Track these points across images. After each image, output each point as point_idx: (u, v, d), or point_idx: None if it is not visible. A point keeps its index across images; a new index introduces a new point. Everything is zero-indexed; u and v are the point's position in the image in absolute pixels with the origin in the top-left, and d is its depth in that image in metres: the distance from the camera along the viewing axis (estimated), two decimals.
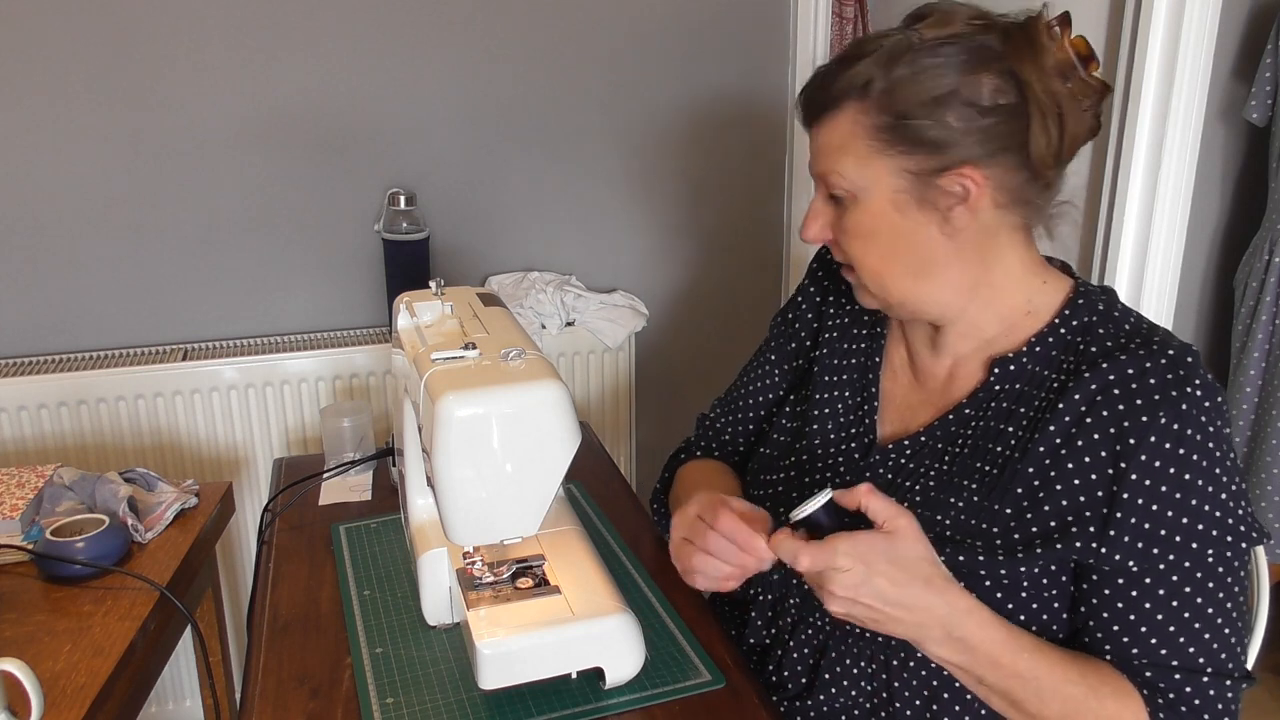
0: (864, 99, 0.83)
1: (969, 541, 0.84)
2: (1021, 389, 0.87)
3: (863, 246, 0.87)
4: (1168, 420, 0.77)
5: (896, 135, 0.82)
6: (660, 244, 2.18)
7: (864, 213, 0.86)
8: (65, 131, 1.77)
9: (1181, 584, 0.78)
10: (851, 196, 0.86)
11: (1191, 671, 0.78)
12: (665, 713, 0.85)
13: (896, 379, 0.98)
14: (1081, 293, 0.90)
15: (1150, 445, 0.77)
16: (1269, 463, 1.96)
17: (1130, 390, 0.79)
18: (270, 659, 0.93)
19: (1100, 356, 0.82)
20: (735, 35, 2.09)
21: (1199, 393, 0.78)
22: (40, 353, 1.85)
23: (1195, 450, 0.77)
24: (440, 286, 1.00)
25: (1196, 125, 1.97)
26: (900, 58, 0.81)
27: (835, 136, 0.85)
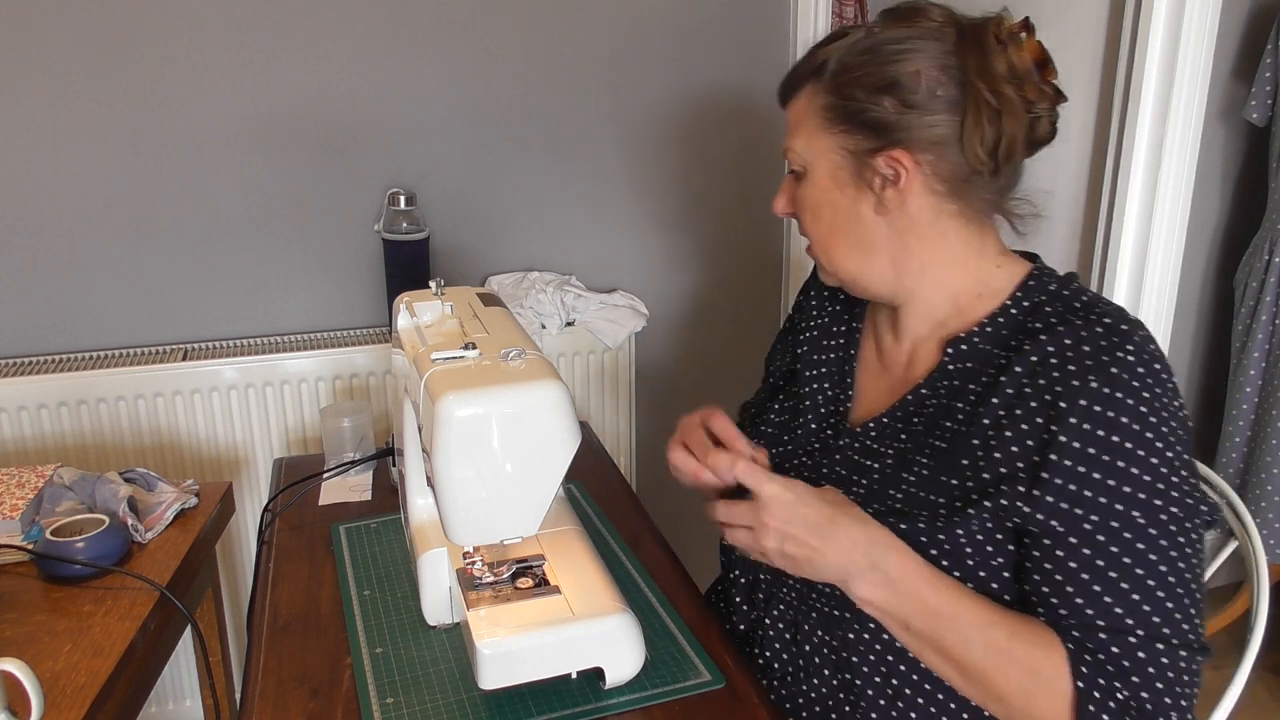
0: (818, 81, 0.91)
1: (916, 512, 0.87)
2: (972, 367, 0.90)
3: (812, 219, 0.95)
4: (1098, 384, 0.79)
5: (840, 115, 0.89)
6: (660, 244, 2.18)
7: (812, 186, 0.93)
8: (65, 131, 1.77)
9: (1108, 546, 0.79)
10: (803, 171, 0.94)
11: (1118, 632, 0.78)
12: (665, 713, 0.85)
13: (868, 369, 1.03)
14: (1036, 275, 0.92)
15: (1080, 409, 0.79)
16: (1269, 463, 1.96)
17: (1065, 358, 0.81)
18: (270, 659, 0.93)
19: (1042, 330, 0.85)
20: (735, 35, 2.09)
21: (1131, 358, 0.80)
22: (40, 353, 1.86)
23: (1126, 414, 0.78)
24: (440, 286, 1.00)
25: (1196, 125, 1.97)
26: (856, 46, 0.89)
27: (794, 114, 0.94)
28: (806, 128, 0.92)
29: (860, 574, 0.81)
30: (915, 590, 0.81)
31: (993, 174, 0.88)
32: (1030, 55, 0.88)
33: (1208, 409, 2.29)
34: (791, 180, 0.97)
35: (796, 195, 0.96)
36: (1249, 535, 1.09)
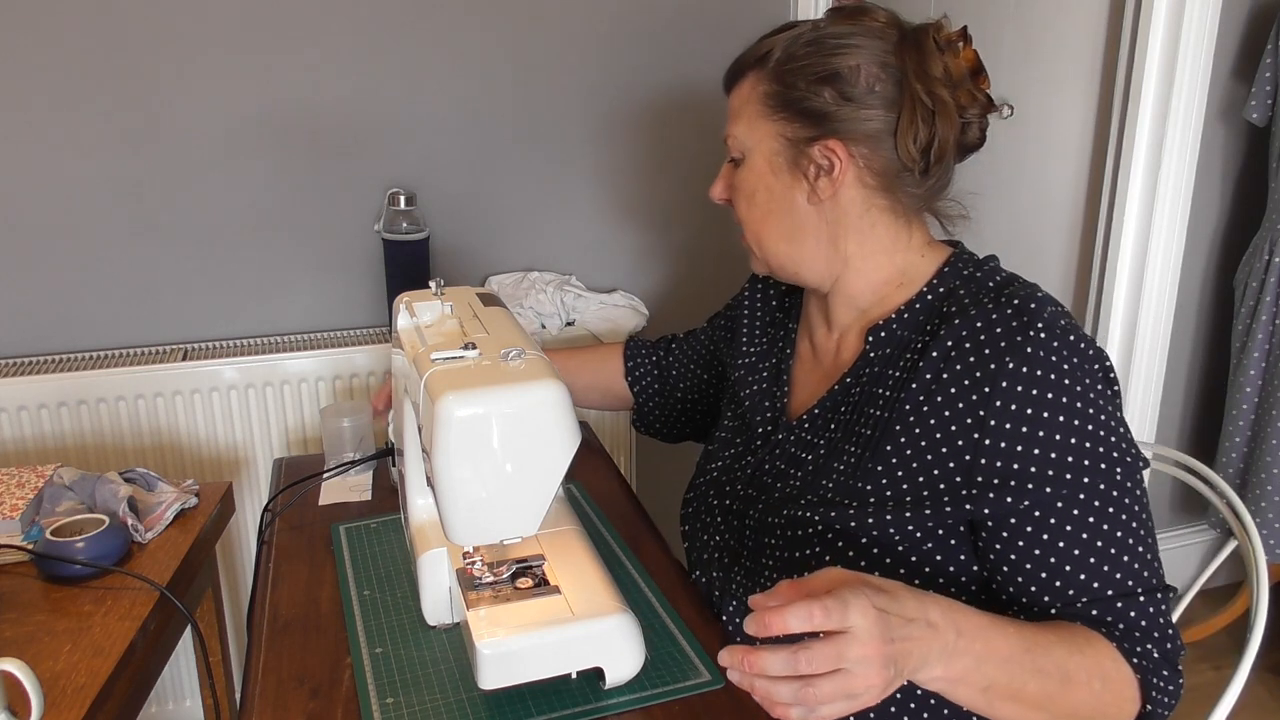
0: (762, 69, 0.94)
1: (845, 501, 0.88)
2: (891, 353, 0.92)
3: (746, 205, 0.97)
4: (1015, 365, 0.81)
5: (780, 102, 0.92)
6: (660, 244, 2.18)
7: (749, 171, 0.96)
8: (65, 131, 1.77)
9: (1063, 524, 0.81)
10: (742, 157, 0.96)
11: (1127, 595, 0.81)
12: (665, 713, 0.85)
13: (803, 363, 1.06)
14: (952, 261, 0.95)
15: (1003, 391, 0.81)
16: (1269, 463, 1.96)
17: (979, 342, 0.83)
18: (270, 659, 0.93)
19: (955, 314, 0.87)
20: (735, 36, 2.09)
21: (1043, 334, 0.81)
22: (40, 353, 1.85)
23: (1049, 389, 0.80)
24: (440, 286, 1.00)
25: (1196, 125, 1.97)
26: (801, 38, 0.93)
27: (736, 101, 0.97)
28: (747, 114, 0.95)
29: (939, 655, 0.70)
30: (989, 645, 0.73)
31: (923, 173, 0.91)
32: (966, 63, 0.91)
33: (1208, 409, 2.29)
34: (730, 167, 1.00)
35: (734, 181, 0.99)
36: (1249, 535, 1.09)
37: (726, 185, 1.01)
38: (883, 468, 0.87)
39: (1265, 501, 1.97)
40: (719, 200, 1.02)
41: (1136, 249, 2.07)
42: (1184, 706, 2.16)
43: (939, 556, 0.86)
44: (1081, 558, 0.81)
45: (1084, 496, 0.81)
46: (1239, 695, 0.98)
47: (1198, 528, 2.37)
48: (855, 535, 0.86)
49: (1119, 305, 2.12)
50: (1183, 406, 2.29)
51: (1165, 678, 0.80)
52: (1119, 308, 2.12)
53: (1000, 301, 0.85)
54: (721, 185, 1.02)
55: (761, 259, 1.00)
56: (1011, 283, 0.90)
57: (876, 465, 0.88)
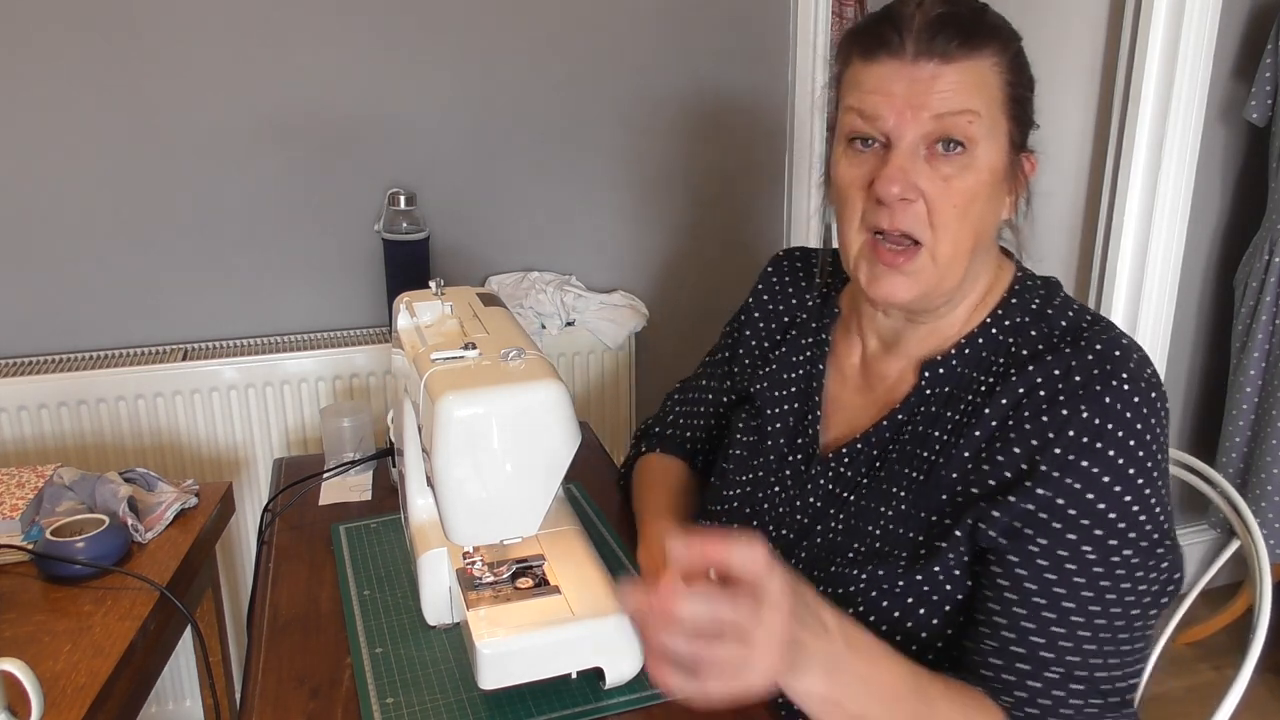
0: (1004, 52, 0.79)
1: (894, 553, 0.83)
2: (950, 392, 0.85)
3: (962, 213, 0.79)
4: (1089, 415, 0.75)
5: (1016, 98, 0.80)
6: (660, 244, 2.18)
7: (981, 172, 0.78)
8: (65, 131, 1.77)
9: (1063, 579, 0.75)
10: (971, 148, 0.78)
11: (1072, 684, 0.74)
12: (665, 713, 0.85)
13: (845, 381, 0.96)
14: (1016, 291, 0.87)
15: (1067, 439, 0.75)
16: (1269, 463, 1.96)
17: (1055, 390, 0.77)
18: (270, 659, 0.93)
19: (1030, 359, 0.80)
20: (735, 36, 2.09)
21: (1126, 387, 0.75)
22: (40, 353, 1.85)
23: (1113, 446, 0.74)
24: (440, 286, 1.00)
25: (1196, 125, 1.97)
26: (1015, 33, 0.82)
27: (977, 75, 0.77)
28: (988, 96, 0.78)
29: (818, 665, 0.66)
30: (871, 674, 0.69)
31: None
32: None
33: (1208, 409, 2.29)
34: (911, 153, 0.78)
35: (950, 182, 0.78)
36: (1251, 535, 1.09)
37: (915, 184, 0.78)
38: (935, 517, 0.81)
39: (1265, 501, 1.97)
40: (899, 195, 0.78)
41: (1136, 249, 2.07)
42: (1185, 706, 2.16)
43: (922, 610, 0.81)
44: (1048, 619, 0.74)
45: (1090, 568, 0.74)
46: (1241, 695, 0.98)
47: (1198, 528, 2.37)
48: (900, 592, 0.81)
49: (1119, 305, 2.12)
50: (1183, 406, 2.29)
51: None
52: (1119, 308, 2.12)
53: (1080, 346, 0.78)
54: (909, 175, 0.77)
55: (936, 281, 0.81)
56: (1087, 321, 0.82)
57: (929, 515, 0.82)
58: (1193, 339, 2.23)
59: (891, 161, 0.78)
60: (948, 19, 0.77)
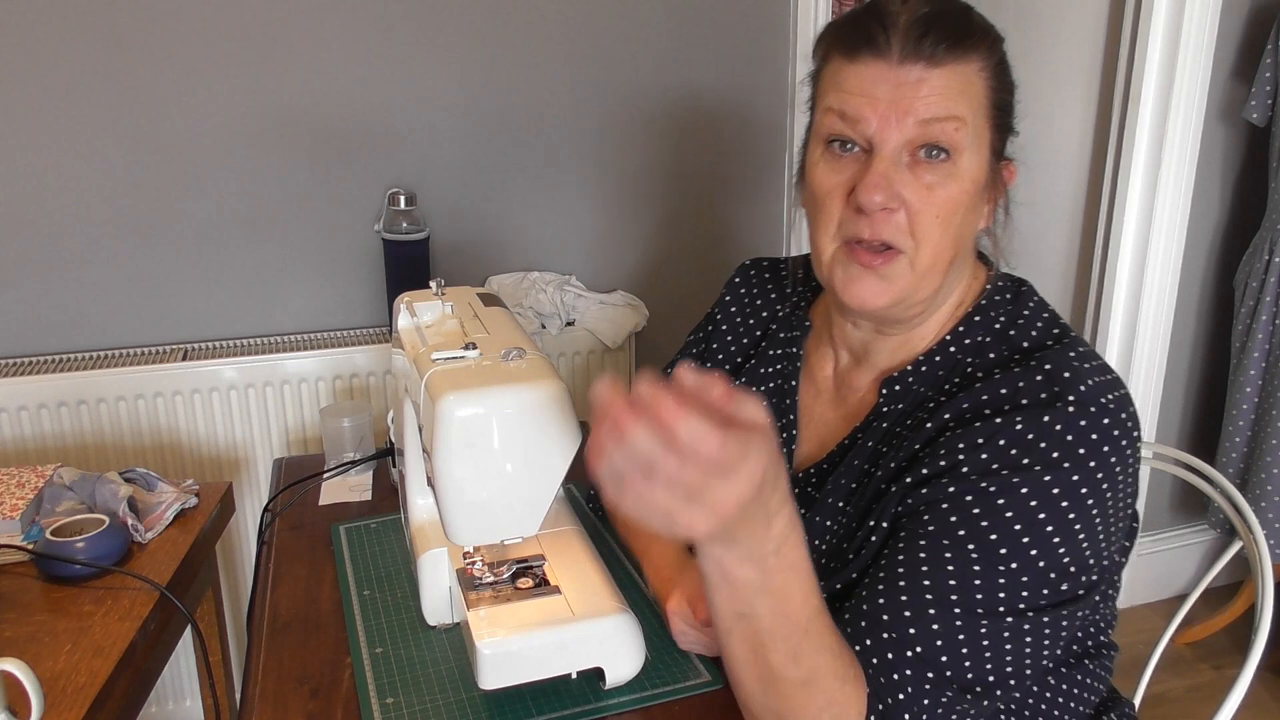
0: (990, 56, 0.76)
1: (833, 566, 0.82)
2: (904, 409, 0.83)
3: (944, 223, 0.76)
4: (1024, 429, 0.71)
5: (999, 108, 0.78)
6: (660, 244, 2.18)
7: (964, 181, 0.76)
8: (65, 131, 1.77)
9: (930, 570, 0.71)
10: (955, 157, 0.75)
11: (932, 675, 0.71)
12: (665, 713, 0.85)
13: (818, 393, 0.94)
14: (983, 307, 0.84)
15: (995, 448, 0.72)
16: (1269, 463, 1.96)
17: (999, 406, 0.74)
18: (270, 659, 0.93)
19: (981, 380, 0.77)
20: (735, 35, 2.09)
21: (1071, 409, 0.71)
22: (40, 353, 1.85)
23: (1041, 463, 0.70)
24: (440, 286, 1.00)
25: (1196, 125, 1.97)
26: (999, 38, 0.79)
27: (962, 80, 0.74)
28: (973, 103, 0.75)
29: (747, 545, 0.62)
30: (787, 588, 0.65)
31: None
32: None
33: (1208, 409, 2.29)
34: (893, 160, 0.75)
35: (933, 192, 0.75)
36: (1253, 535, 1.09)
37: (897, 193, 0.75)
38: (855, 523, 0.82)
39: (1265, 501, 1.97)
40: (881, 207, 0.75)
41: (1136, 249, 2.07)
42: (1185, 706, 2.16)
43: None
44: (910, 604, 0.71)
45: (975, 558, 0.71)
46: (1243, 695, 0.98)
47: (1198, 528, 2.37)
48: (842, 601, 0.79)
49: (1119, 305, 2.12)
50: (1183, 406, 2.28)
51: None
52: (1119, 308, 2.12)
53: (1030, 366, 0.75)
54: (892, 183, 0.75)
55: (916, 288, 0.79)
56: (1052, 336, 0.79)
57: (853, 522, 0.82)
58: (1193, 339, 2.23)
59: (874, 169, 0.75)
60: (935, 19, 0.74)
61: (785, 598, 0.65)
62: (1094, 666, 0.86)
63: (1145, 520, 2.31)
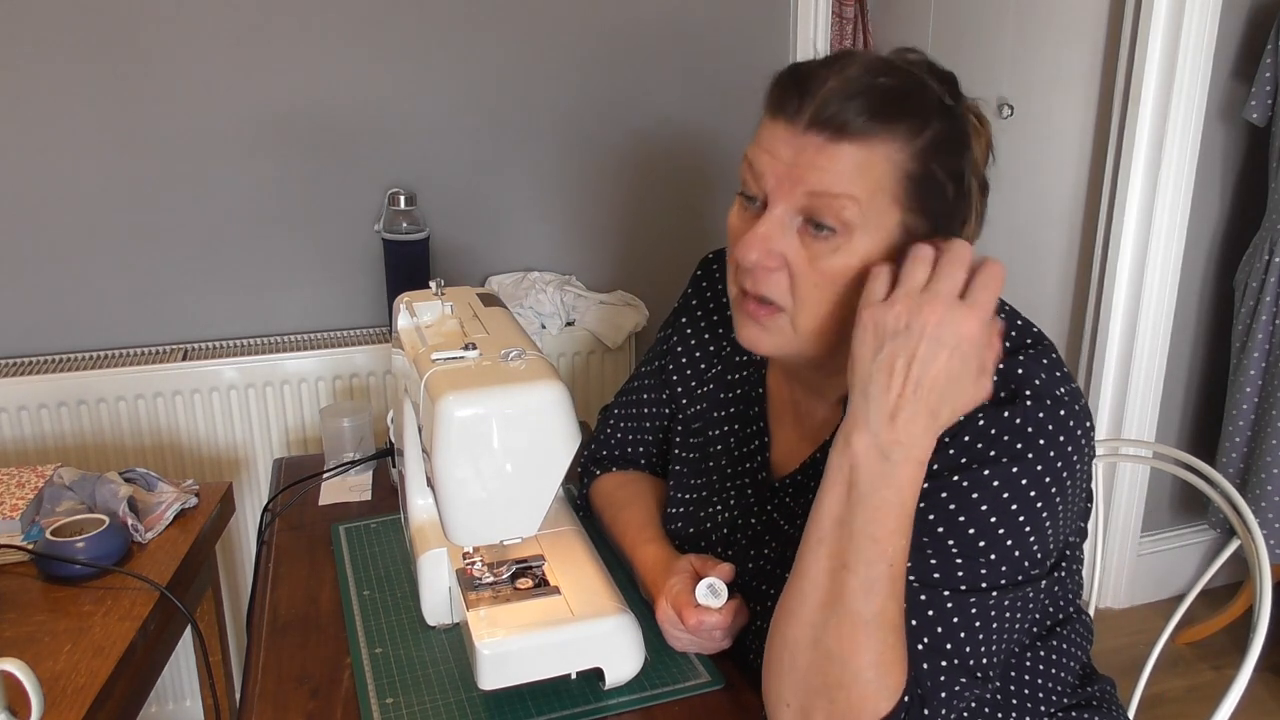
0: (915, 138, 0.74)
1: None
2: None
3: (828, 297, 0.77)
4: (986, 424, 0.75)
5: (919, 192, 0.76)
6: (660, 244, 2.18)
7: (852, 258, 0.75)
8: (65, 132, 1.77)
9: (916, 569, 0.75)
10: (844, 234, 0.75)
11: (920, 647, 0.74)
12: (665, 713, 0.85)
13: (782, 417, 0.95)
14: None
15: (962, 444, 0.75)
16: (1269, 463, 1.96)
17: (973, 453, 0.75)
18: (270, 659, 0.93)
19: None
20: (735, 35, 2.09)
21: (1029, 404, 0.74)
22: (40, 353, 1.85)
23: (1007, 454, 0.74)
24: (440, 286, 1.00)
25: (1196, 125, 1.97)
26: (943, 114, 0.77)
27: (854, 163, 0.73)
28: (875, 187, 0.74)
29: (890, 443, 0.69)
30: (895, 509, 0.70)
31: None
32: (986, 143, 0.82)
33: (1208, 409, 2.29)
34: (788, 232, 0.76)
35: (818, 262, 0.76)
36: (1252, 535, 1.09)
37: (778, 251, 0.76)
38: None
39: (1265, 502, 1.97)
40: (753, 265, 0.77)
41: (1136, 249, 2.07)
42: (1185, 706, 2.16)
43: None
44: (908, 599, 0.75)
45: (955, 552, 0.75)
46: (1241, 695, 0.98)
47: (1198, 528, 2.37)
48: None
49: (1119, 305, 2.12)
50: (1183, 406, 2.29)
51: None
52: (1119, 308, 2.12)
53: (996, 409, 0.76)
54: (765, 249, 0.76)
55: (795, 345, 0.80)
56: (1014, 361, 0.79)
57: None
58: (1193, 339, 2.23)
59: (756, 228, 0.76)
60: (858, 91, 0.73)
61: (888, 524, 0.70)
62: (1068, 633, 0.89)
63: (1145, 520, 2.31)
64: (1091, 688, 0.95)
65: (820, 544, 0.73)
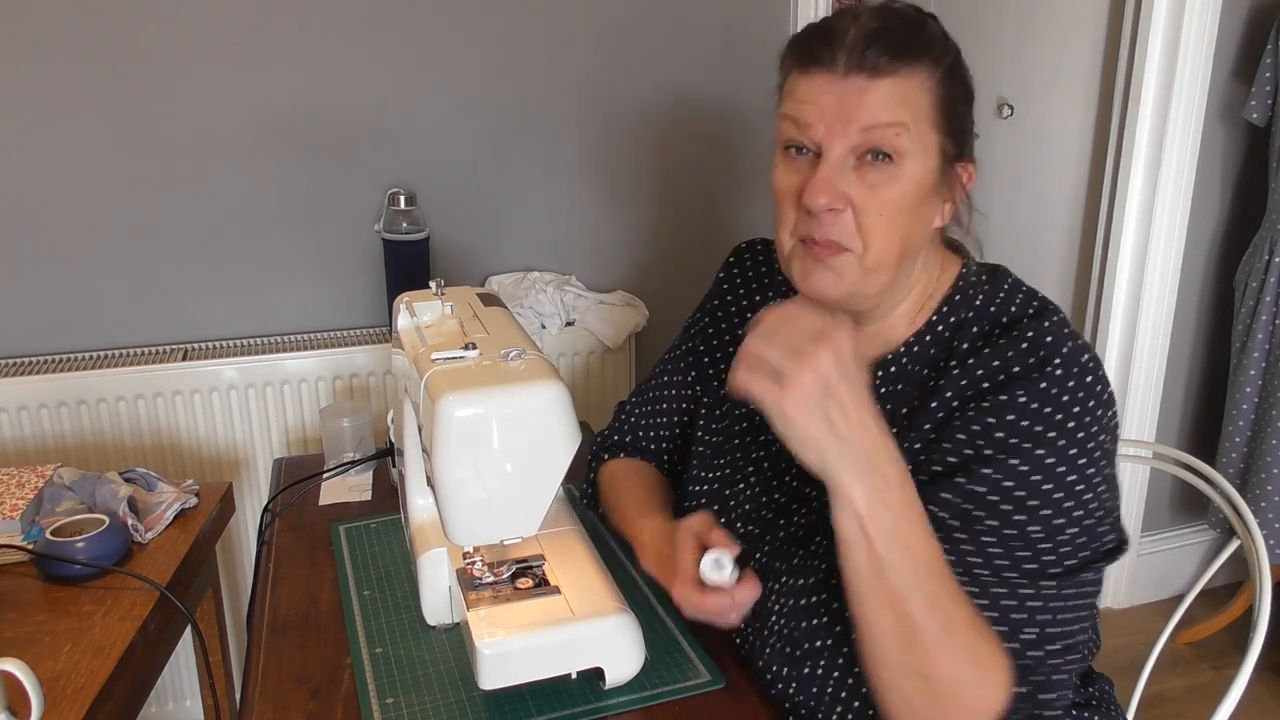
0: (937, 66, 0.81)
1: None
2: (902, 389, 0.89)
3: (890, 225, 0.81)
4: (1027, 399, 0.79)
5: (949, 113, 0.83)
6: (660, 244, 2.18)
7: (908, 183, 0.81)
8: (65, 132, 1.77)
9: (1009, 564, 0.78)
10: (898, 160, 0.80)
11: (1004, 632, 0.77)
12: (665, 713, 0.85)
13: None
14: (960, 288, 0.90)
15: (1007, 424, 0.79)
16: (1269, 463, 1.96)
17: (996, 379, 0.81)
18: (270, 659, 0.93)
19: (970, 354, 0.84)
20: (735, 33, 2.09)
21: (1059, 372, 0.79)
22: (40, 353, 1.85)
23: (1052, 429, 0.78)
24: (440, 286, 1.00)
25: (1196, 125, 1.97)
26: (948, 44, 0.84)
27: (905, 90, 0.80)
28: (917, 112, 0.80)
29: (869, 478, 0.72)
30: (911, 529, 0.73)
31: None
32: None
33: (1208, 409, 2.29)
34: (846, 171, 0.81)
35: (876, 191, 0.80)
36: (1251, 535, 1.09)
37: (843, 194, 0.80)
38: None
39: (1265, 502, 1.97)
40: (826, 205, 0.81)
41: (1136, 249, 2.07)
42: (1185, 706, 2.16)
43: None
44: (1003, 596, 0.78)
45: (1038, 536, 0.78)
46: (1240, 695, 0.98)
47: (1198, 528, 2.37)
48: None
49: (1119, 305, 2.12)
50: (1183, 406, 2.29)
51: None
52: (1119, 308, 2.12)
53: (1014, 337, 0.82)
54: (836, 185, 0.80)
55: (868, 280, 0.84)
56: (1032, 309, 0.86)
57: None
58: (1193, 339, 2.23)
59: (819, 173, 0.81)
60: (879, 34, 0.80)
61: (913, 539, 0.73)
62: None
63: (1145, 520, 2.31)
64: (1091, 688, 0.96)
65: (868, 594, 0.74)
